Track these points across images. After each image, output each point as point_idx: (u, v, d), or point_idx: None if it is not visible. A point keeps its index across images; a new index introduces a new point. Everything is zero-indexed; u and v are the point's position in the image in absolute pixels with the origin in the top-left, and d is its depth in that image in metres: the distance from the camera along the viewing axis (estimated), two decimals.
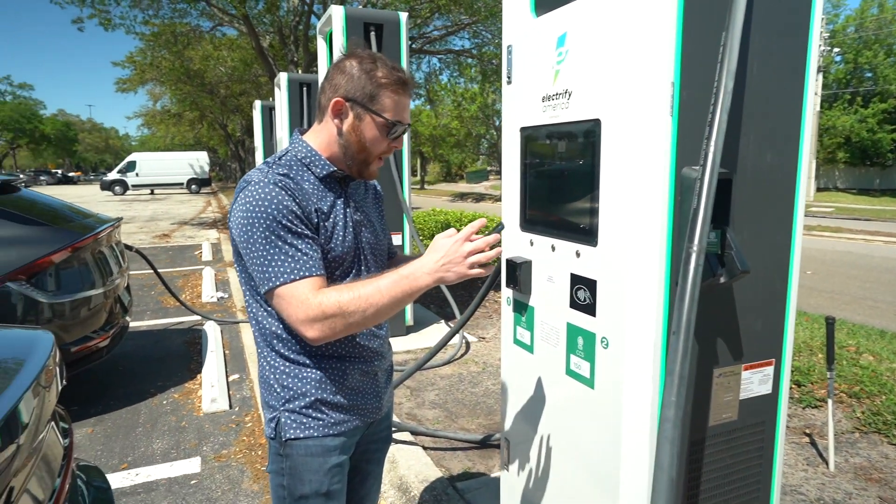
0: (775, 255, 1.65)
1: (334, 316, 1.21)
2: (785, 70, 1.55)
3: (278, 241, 1.24)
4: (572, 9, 1.67)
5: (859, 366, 4.27)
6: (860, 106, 30.91)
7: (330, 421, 1.40)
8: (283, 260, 1.24)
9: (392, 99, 1.33)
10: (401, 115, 1.36)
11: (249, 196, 1.25)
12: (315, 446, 1.39)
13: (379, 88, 1.32)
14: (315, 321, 1.21)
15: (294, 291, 1.23)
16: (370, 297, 1.23)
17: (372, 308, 1.23)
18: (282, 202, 1.24)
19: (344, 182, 1.44)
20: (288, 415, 1.38)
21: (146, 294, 7.38)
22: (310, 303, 1.21)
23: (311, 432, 1.38)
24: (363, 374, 1.47)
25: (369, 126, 1.34)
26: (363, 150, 1.37)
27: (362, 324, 1.25)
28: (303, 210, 1.28)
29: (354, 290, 1.24)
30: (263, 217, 1.23)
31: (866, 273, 9.57)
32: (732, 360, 1.66)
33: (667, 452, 1.16)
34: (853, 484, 2.87)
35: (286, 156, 1.38)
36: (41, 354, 1.43)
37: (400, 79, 1.34)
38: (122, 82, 24.91)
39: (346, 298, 1.22)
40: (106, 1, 12.80)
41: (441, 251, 1.26)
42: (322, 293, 1.23)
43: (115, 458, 3.30)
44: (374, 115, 1.33)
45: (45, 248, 3.67)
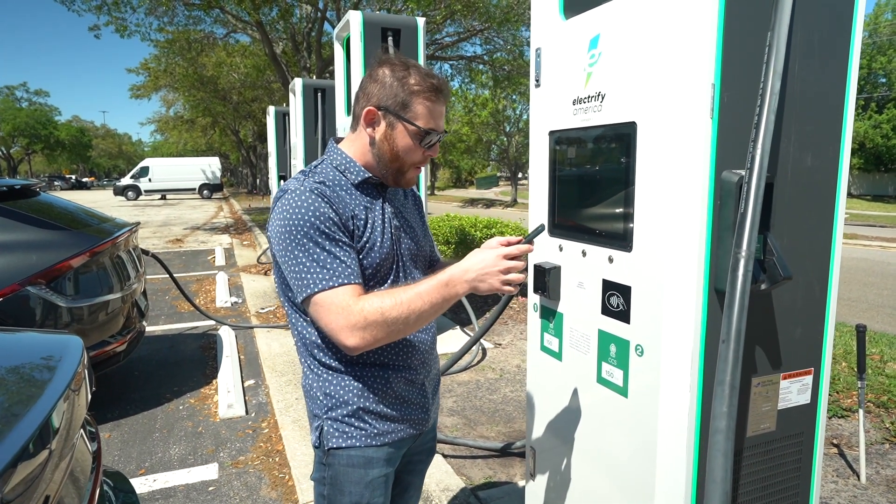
0: (815, 261, 1.61)
1: (376, 323, 1.19)
2: (827, 69, 1.52)
3: (316, 247, 1.22)
4: (606, 10, 1.64)
5: (885, 374, 4.19)
6: (874, 112, 30.62)
7: (373, 431, 1.38)
8: (322, 267, 1.22)
9: (425, 106, 1.31)
10: (435, 123, 1.34)
11: (287, 204, 1.24)
12: (357, 457, 1.37)
13: (411, 96, 1.30)
14: (356, 328, 1.19)
15: (334, 298, 1.20)
16: (411, 302, 1.21)
17: (413, 314, 1.21)
18: (319, 209, 1.23)
19: (382, 188, 1.42)
20: (331, 423, 1.37)
21: (160, 299, 7.40)
22: (351, 309, 1.19)
23: (354, 441, 1.36)
24: (408, 382, 1.43)
25: (402, 134, 1.32)
26: (396, 159, 1.35)
27: (403, 331, 1.23)
28: (340, 216, 1.27)
29: (395, 296, 1.22)
30: (301, 224, 1.22)
31: (883, 280, 9.43)
32: (771, 368, 1.61)
33: (720, 465, 1.12)
34: (886, 497, 2.80)
35: (322, 164, 1.38)
36: (72, 359, 1.42)
37: (433, 86, 1.31)
38: (136, 89, 25.17)
39: (388, 304, 1.20)
40: (122, 8, 12.95)
41: (480, 261, 1.25)
42: (363, 299, 1.21)
43: (132, 464, 3.29)
44: (407, 124, 1.31)
45: (64, 252, 3.68)
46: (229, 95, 25.12)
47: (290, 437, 3.49)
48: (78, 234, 3.90)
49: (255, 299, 7.31)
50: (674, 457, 1.55)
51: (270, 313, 6.60)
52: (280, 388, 4.31)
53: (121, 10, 12.96)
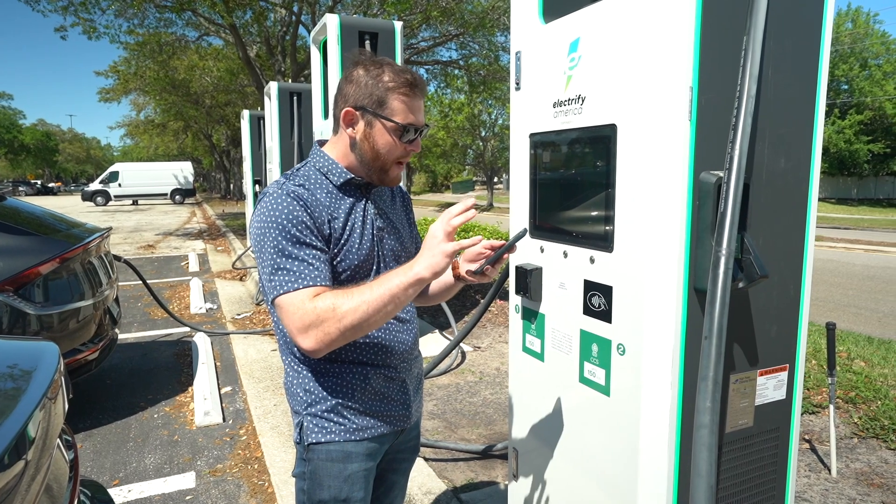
0: (789, 260, 1.66)
1: (329, 320, 1.17)
2: (798, 74, 1.57)
3: (285, 251, 1.23)
4: (586, 14, 1.67)
5: (852, 371, 4.31)
6: (837, 117, 31.63)
7: (352, 426, 1.39)
8: (288, 271, 1.23)
9: (401, 101, 1.32)
10: (413, 118, 1.35)
11: (263, 207, 1.27)
12: (336, 451, 1.37)
13: (387, 93, 1.31)
14: (311, 328, 1.18)
15: (293, 299, 1.21)
16: (362, 293, 1.19)
17: (364, 305, 1.18)
18: (293, 212, 1.25)
19: (366, 188, 1.42)
20: (310, 419, 1.38)
21: (133, 305, 7.24)
22: (305, 308, 1.19)
23: (332, 437, 1.37)
24: (388, 379, 1.44)
25: (381, 132, 1.33)
26: (378, 158, 1.36)
27: (357, 326, 1.19)
28: (315, 220, 1.28)
29: (349, 291, 1.21)
30: (274, 226, 1.24)
31: (848, 280, 9.72)
32: (748, 365, 1.65)
33: (705, 459, 1.15)
34: (856, 489, 2.88)
35: (305, 167, 1.39)
36: (49, 367, 1.38)
37: (407, 80, 1.32)
38: (104, 92, 24.59)
39: (341, 300, 1.19)
40: (90, 9, 12.66)
41: (429, 239, 1.24)
42: (318, 298, 1.20)
43: (106, 475, 3.21)
44: (385, 121, 1.32)
45: (32, 258, 3.57)
46: (202, 99, 24.74)
47: (269, 443, 3.45)
48: (47, 239, 3.79)
49: (230, 305, 7.20)
50: (656, 454, 1.57)
51: (247, 319, 6.51)
52: (258, 394, 4.25)
53: (88, 10, 12.66)
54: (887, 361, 4.63)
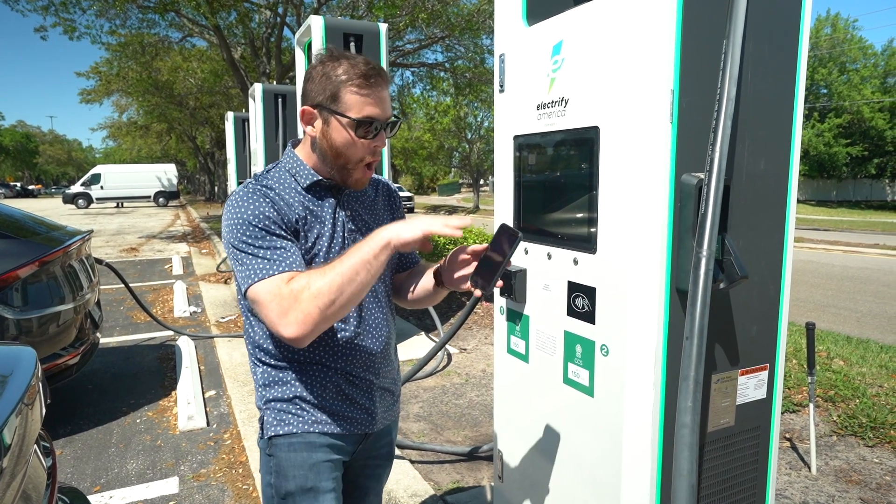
0: (769, 261, 1.68)
1: (306, 299, 1.13)
2: (777, 77, 1.59)
3: (255, 242, 1.21)
4: (569, 17, 1.68)
5: (832, 370, 4.38)
6: (817, 121, 32.17)
7: (311, 418, 1.36)
8: (261, 259, 1.20)
9: (354, 94, 1.24)
10: (369, 111, 1.25)
11: (230, 205, 1.26)
12: (298, 443, 1.36)
13: (339, 87, 1.24)
14: (290, 312, 1.14)
15: (268, 287, 1.17)
16: (333, 267, 1.16)
17: (338, 278, 1.14)
18: (259, 207, 1.23)
19: (336, 190, 1.37)
20: (270, 412, 1.37)
21: (115, 309, 7.14)
22: (282, 293, 1.15)
23: (292, 428, 1.35)
24: (350, 383, 1.40)
25: (337, 129, 1.27)
26: (338, 156, 1.30)
27: (336, 301, 1.15)
28: (282, 217, 1.26)
29: (321, 269, 1.18)
30: (241, 222, 1.22)
31: (828, 281, 9.88)
32: (730, 365, 1.67)
33: (686, 459, 1.16)
34: (835, 486, 2.92)
35: (275, 168, 1.36)
36: (25, 372, 1.35)
37: (361, 72, 1.24)
38: (86, 93, 24.25)
39: (314, 277, 1.16)
40: (71, 9, 12.48)
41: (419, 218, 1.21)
42: (293, 281, 1.17)
43: (87, 481, 3.16)
44: (339, 117, 1.25)
45: (10, 261, 3.51)
46: (186, 101, 24.49)
47: (254, 447, 3.42)
48: (26, 242, 3.73)
49: (214, 308, 7.13)
50: (639, 454, 1.59)
51: (231, 322, 6.45)
52: (242, 398, 4.21)
53: (69, 10, 12.48)
54: (865, 360, 4.71)
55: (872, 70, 32.73)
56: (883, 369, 4.48)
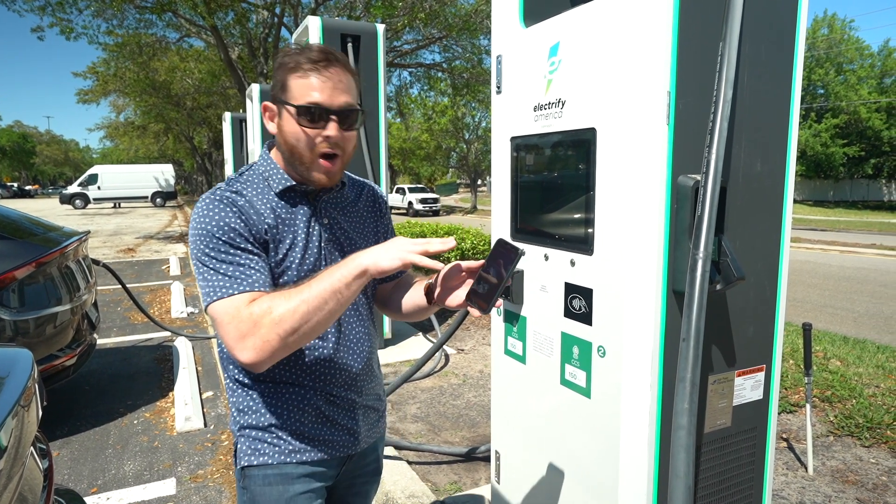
0: (766, 262, 1.69)
1: (266, 325, 1.05)
2: (773, 79, 1.60)
3: (219, 256, 1.13)
4: (565, 19, 1.68)
5: (829, 371, 4.39)
6: (814, 121, 32.25)
7: (288, 448, 1.26)
8: (222, 275, 1.12)
9: (298, 81, 1.17)
10: (315, 98, 1.16)
11: (196, 212, 1.18)
12: (274, 475, 1.26)
13: (286, 75, 1.18)
14: (247, 337, 1.06)
15: (227, 307, 1.09)
16: (300, 292, 1.06)
17: (303, 305, 1.05)
18: (223, 218, 1.15)
19: (313, 196, 1.28)
20: (244, 440, 1.27)
21: (112, 310, 7.13)
22: (241, 315, 1.07)
23: (266, 459, 1.25)
24: (331, 403, 1.30)
25: (287, 120, 1.19)
26: (293, 151, 1.21)
27: (299, 330, 1.06)
28: (249, 227, 1.17)
29: (287, 292, 1.09)
30: (204, 233, 1.15)
31: (825, 281, 9.90)
32: (726, 366, 1.68)
33: (682, 460, 1.16)
34: (831, 487, 2.93)
35: (249, 171, 1.28)
36: (22, 373, 1.35)
37: (308, 58, 1.16)
38: (83, 93, 24.22)
39: (277, 301, 1.07)
40: (68, 9, 12.46)
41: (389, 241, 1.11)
42: (255, 303, 1.08)
43: (84, 482, 3.15)
44: (287, 106, 1.18)
45: (7, 262, 3.50)
46: (183, 101, 24.47)
47: None
48: (22, 243, 3.72)
49: None
50: (636, 455, 1.59)
51: None
52: None
53: (66, 11, 12.47)
54: (862, 360, 4.73)
55: (869, 70, 32.83)
56: (879, 369, 4.49)
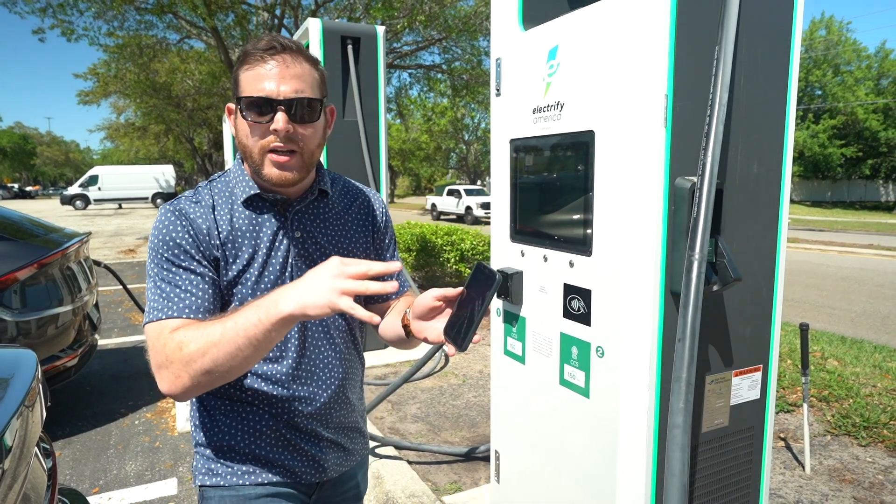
0: (762, 263, 1.70)
1: (175, 362, 0.96)
2: (769, 82, 1.62)
3: (160, 273, 1.07)
4: (564, 22, 1.70)
5: (826, 370, 4.41)
6: (812, 122, 32.29)
7: (242, 469, 1.17)
8: (158, 295, 1.05)
9: (246, 73, 1.07)
10: (261, 89, 1.04)
11: (154, 223, 1.11)
12: (231, 496, 1.17)
13: (238, 70, 1.09)
14: (161, 369, 0.98)
15: (151, 332, 1.02)
16: (211, 333, 0.95)
17: (212, 350, 0.93)
18: (171, 232, 1.07)
19: (283, 206, 1.16)
20: (198, 458, 1.20)
21: (113, 311, 7.14)
22: (159, 344, 1.00)
23: (219, 480, 1.17)
24: (292, 428, 1.19)
25: (239, 118, 1.09)
26: (245, 150, 1.10)
27: (212, 372, 0.95)
28: (198, 244, 1.08)
29: (202, 326, 0.98)
30: (152, 247, 1.09)
31: (823, 281, 9.91)
32: (723, 366, 1.69)
33: (678, 459, 1.18)
34: (828, 485, 2.95)
35: (221, 178, 1.18)
36: (26, 374, 1.37)
37: (256, 48, 1.06)
38: (84, 94, 24.25)
39: (189, 337, 0.97)
40: (69, 11, 12.49)
41: (314, 272, 0.92)
42: (175, 333, 0.99)
43: (85, 483, 3.16)
44: (241, 101, 1.07)
45: (9, 264, 3.52)
46: (183, 102, 24.50)
47: None
48: (24, 244, 3.74)
49: None
50: (634, 454, 1.61)
51: None
52: None
53: (67, 13, 12.49)
54: (859, 360, 4.74)
55: (866, 72, 32.87)
56: (877, 369, 4.51)
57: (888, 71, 32.75)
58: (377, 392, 3.96)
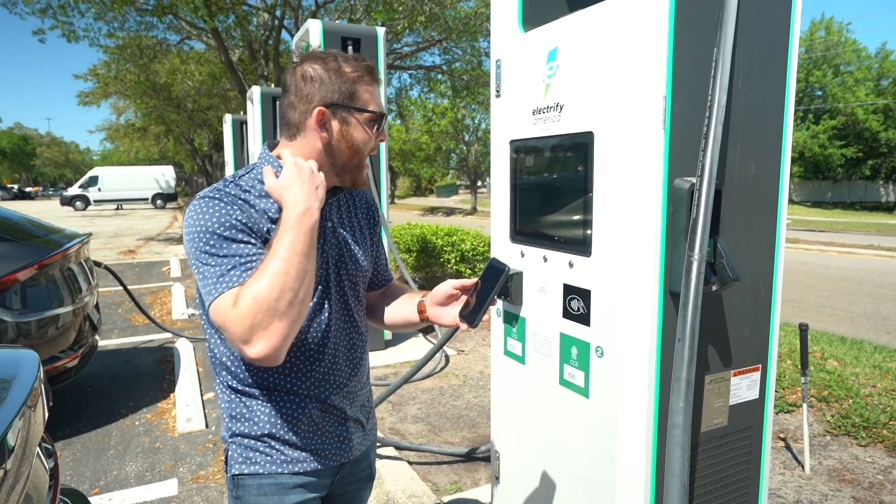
0: (761, 263, 1.71)
1: (258, 312, 1.03)
2: (767, 83, 1.62)
3: (220, 252, 1.11)
4: (564, 24, 1.71)
5: (826, 371, 4.42)
6: (812, 122, 32.29)
7: (280, 458, 1.25)
8: (218, 272, 1.09)
9: (368, 91, 1.23)
10: (380, 105, 1.27)
11: (194, 211, 1.14)
12: (269, 485, 1.24)
13: (354, 84, 1.21)
14: (253, 332, 1.03)
15: (223, 305, 1.06)
16: (274, 269, 1.05)
17: (283, 278, 1.05)
18: (225, 214, 1.13)
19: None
20: (235, 447, 1.26)
21: (114, 311, 7.15)
22: (235, 315, 1.04)
23: (258, 468, 1.24)
24: (324, 412, 1.29)
25: (356, 127, 1.23)
26: (356, 155, 1.25)
27: (293, 301, 1.06)
28: (251, 225, 1.15)
29: (259, 274, 1.07)
30: (203, 230, 1.12)
31: (823, 282, 9.92)
32: (722, 366, 1.70)
33: (678, 458, 1.18)
34: (828, 485, 2.95)
35: (250, 173, 1.25)
36: (28, 375, 1.37)
37: (368, 68, 1.24)
38: (84, 95, 24.27)
39: (256, 288, 1.04)
40: (69, 12, 12.50)
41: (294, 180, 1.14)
42: (239, 299, 1.05)
43: (86, 483, 3.17)
44: (360, 113, 1.23)
45: (9, 265, 3.53)
46: (184, 103, 24.50)
47: None
48: (24, 245, 3.75)
49: None
50: (633, 454, 1.61)
51: None
52: None
53: (67, 14, 12.50)
54: (859, 361, 4.75)
55: (866, 72, 32.86)
56: (876, 369, 4.51)
57: (888, 71, 32.75)
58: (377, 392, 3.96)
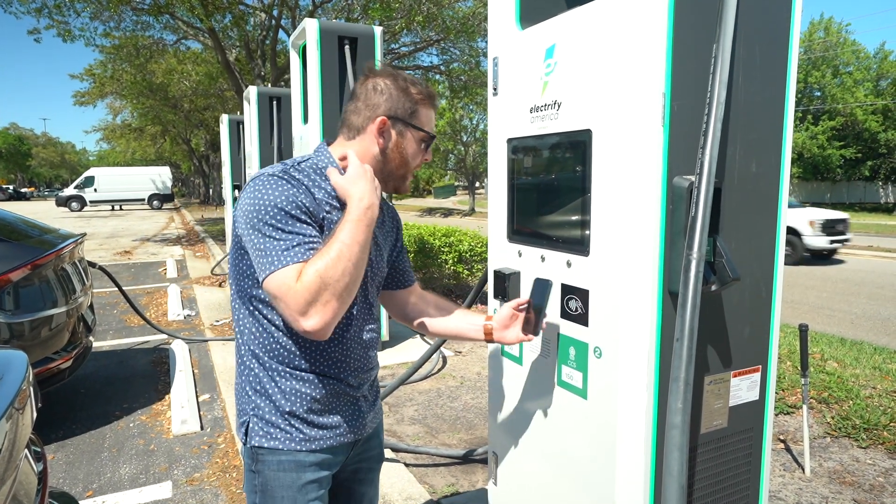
0: (761, 263, 1.69)
1: (321, 289, 1.14)
2: (767, 80, 1.60)
3: (285, 227, 1.19)
4: (561, 21, 1.69)
5: (826, 372, 4.40)
6: (811, 123, 32.35)
7: (300, 436, 1.33)
8: (281, 246, 1.18)
9: (426, 113, 1.41)
10: (433, 129, 1.45)
11: (258, 185, 1.23)
12: (288, 461, 1.33)
13: (416, 105, 1.38)
14: (310, 306, 1.14)
15: (284, 278, 1.15)
16: (338, 252, 1.17)
17: (344, 263, 1.17)
18: (291, 192, 1.22)
19: None
20: (257, 420, 1.33)
21: (109, 313, 7.11)
22: (295, 289, 1.14)
23: (277, 444, 1.32)
24: (341, 391, 1.39)
25: (410, 141, 1.40)
26: (404, 165, 1.41)
27: (350, 284, 1.19)
28: (311, 208, 1.25)
29: (323, 254, 1.18)
30: (269, 205, 1.20)
31: (822, 283, 9.92)
32: (722, 367, 1.68)
33: (676, 459, 1.16)
34: (829, 488, 2.94)
35: (306, 162, 1.35)
36: (16, 375, 1.35)
37: (431, 93, 1.42)
38: (80, 95, 24.18)
39: (320, 265, 1.15)
40: (65, 12, 12.45)
41: (361, 177, 1.29)
42: (303, 274, 1.15)
43: (79, 486, 3.14)
44: (416, 130, 1.40)
45: (2, 265, 3.49)
46: (180, 103, 24.46)
47: None
48: (18, 245, 3.71)
49: (209, 311, 7.11)
50: (632, 455, 1.59)
51: (226, 325, 6.43)
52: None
53: (63, 13, 12.46)
54: (859, 362, 4.74)
55: (865, 73, 32.94)
56: (876, 371, 4.50)
57: (887, 72, 32.83)
58: None
